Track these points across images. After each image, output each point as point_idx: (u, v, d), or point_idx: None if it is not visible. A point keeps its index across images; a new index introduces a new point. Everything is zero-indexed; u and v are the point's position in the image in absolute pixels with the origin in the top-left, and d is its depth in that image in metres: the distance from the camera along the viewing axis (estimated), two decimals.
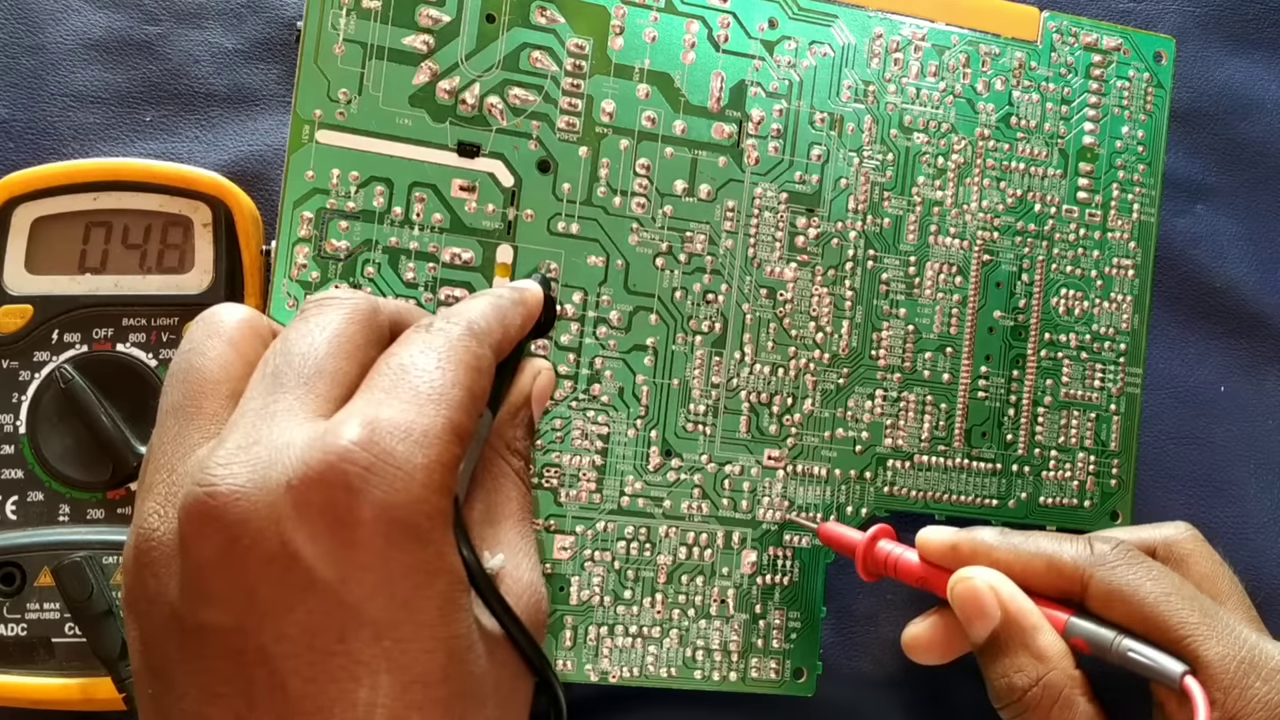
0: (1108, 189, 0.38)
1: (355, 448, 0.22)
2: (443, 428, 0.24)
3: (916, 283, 0.37)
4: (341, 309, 0.26)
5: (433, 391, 0.24)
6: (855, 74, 0.36)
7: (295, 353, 0.25)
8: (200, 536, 0.22)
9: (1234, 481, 0.42)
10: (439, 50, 0.33)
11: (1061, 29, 0.38)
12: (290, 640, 0.22)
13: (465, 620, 0.24)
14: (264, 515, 0.22)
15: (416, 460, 0.23)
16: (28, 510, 0.34)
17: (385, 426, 0.23)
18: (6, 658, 0.33)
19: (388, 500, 0.22)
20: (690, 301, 0.35)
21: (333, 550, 0.22)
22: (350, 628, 0.22)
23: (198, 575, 0.23)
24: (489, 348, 0.27)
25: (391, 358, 0.25)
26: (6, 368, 0.34)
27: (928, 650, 0.34)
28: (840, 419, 0.36)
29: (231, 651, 0.22)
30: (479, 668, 0.24)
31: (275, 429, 0.23)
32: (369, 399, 0.24)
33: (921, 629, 0.34)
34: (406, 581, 0.23)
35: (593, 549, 0.34)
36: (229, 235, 0.35)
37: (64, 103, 0.38)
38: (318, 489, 0.22)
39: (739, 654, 0.35)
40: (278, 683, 0.22)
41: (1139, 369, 0.38)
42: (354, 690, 0.22)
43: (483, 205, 0.34)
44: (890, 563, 0.34)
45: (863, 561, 0.34)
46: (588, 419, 0.34)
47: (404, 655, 0.22)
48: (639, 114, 0.35)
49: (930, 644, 0.34)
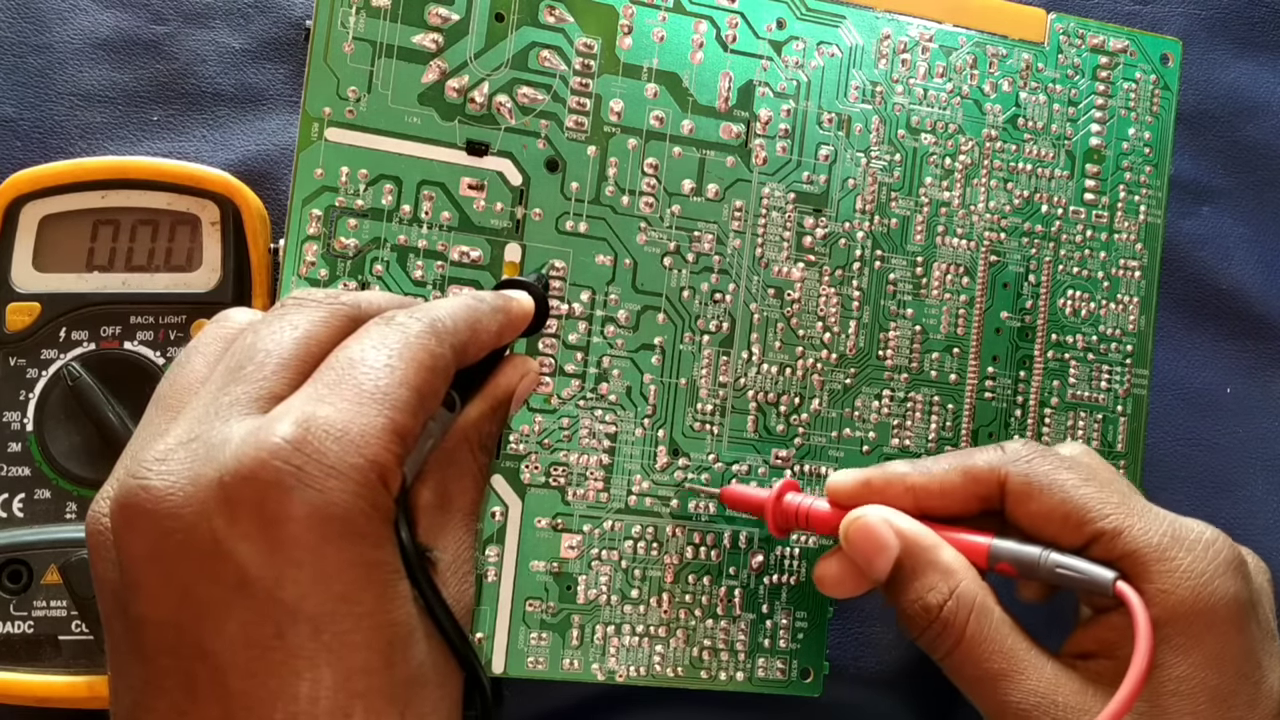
0: (1114, 190, 0.38)
1: (287, 446, 0.22)
2: (382, 428, 0.23)
3: (924, 283, 0.37)
4: (318, 310, 0.25)
5: (376, 390, 0.23)
6: (863, 75, 0.36)
7: (259, 348, 0.24)
8: (131, 530, 0.22)
9: (1240, 483, 0.42)
10: (448, 49, 0.33)
11: (1068, 31, 0.38)
12: (228, 637, 0.22)
13: (404, 607, 0.24)
14: (196, 511, 0.22)
15: (349, 460, 0.22)
16: (35, 508, 0.34)
17: (320, 425, 0.22)
18: (13, 655, 0.33)
19: (320, 500, 0.22)
20: (698, 301, 0.35)
21: (265, 548, 0.22)
22: (287, 624, 0.22)
23: (131, 569, 0.22)
24: (450, 347, 0.25)
25: (343, 350, 0.24)
26: (14, 365, 0.34)
27: (839, 583, 0.33)
28: (847, 419, 0.36)
29: (170, 646, 0.22)
30: (420, 652, 0.24)
31: (216, 423, 0.23)
32: (310, 394, 0.23)
33: (831, 563, 0.33)
34: (342, 576, 0.22)
35: (600, 548, 0.34)
36: (237, 233, 0.35)
37: (71, 102, 0.38)
38: (249, 486, 0.22)
39: (746, 654, 0.35)
40: (218, 679, 0.22)
41: (1145, 370, 0.38)
42: (295, 684, 0.22)
43: (491, 204, 0.34)
44: (801, 514, 0.33)
45: (773, 517, 0.33)
46: (595, 418, 0.34)
47: (344, 647, 0.22)
48: (647, 113, 0.35)
49: (841, 577, 0.33)
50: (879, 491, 0.32)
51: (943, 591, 0.30)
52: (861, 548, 0.31)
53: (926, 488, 0.32)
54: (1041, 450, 0.31)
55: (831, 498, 0.33)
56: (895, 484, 0.32)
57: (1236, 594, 0.29)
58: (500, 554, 0.33)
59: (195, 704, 0.22)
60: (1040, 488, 0.30)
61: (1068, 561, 0.30)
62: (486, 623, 0.33)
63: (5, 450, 0.34)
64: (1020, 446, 0.31)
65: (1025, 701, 0.29)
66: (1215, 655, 0.29)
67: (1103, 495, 0.30)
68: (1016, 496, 0.31)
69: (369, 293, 0.27)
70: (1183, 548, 0.29)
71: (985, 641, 0.30)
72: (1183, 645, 0.29)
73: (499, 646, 0.33)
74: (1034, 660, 0.30)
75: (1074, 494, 0.30)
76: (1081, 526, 0.30)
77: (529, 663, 0.34)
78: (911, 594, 0.31)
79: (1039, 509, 0.30)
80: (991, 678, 0.30)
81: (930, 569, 0.30)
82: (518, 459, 0.34)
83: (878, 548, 0.31)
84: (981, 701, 0.30)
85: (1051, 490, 0.30)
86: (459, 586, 0.26)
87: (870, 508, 0.31)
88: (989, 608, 0.30)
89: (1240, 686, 0.29)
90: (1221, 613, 0.29)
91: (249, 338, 0.25)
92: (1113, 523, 0.30)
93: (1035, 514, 0.30)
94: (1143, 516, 0.30)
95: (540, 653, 0.34)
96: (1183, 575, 0.29)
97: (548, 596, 0.34)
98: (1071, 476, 0.30)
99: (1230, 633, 0.29)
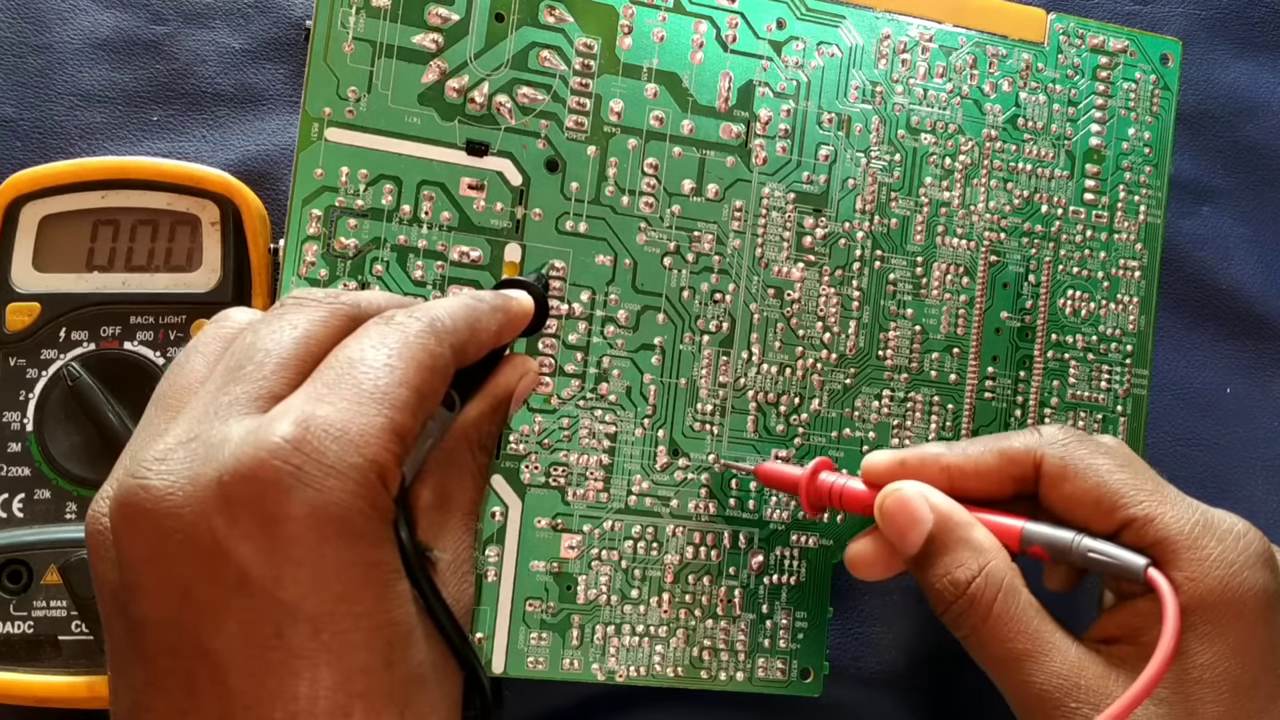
0: (1114, 191, 0.38)
1: (287, 446, 0.22)
2: (381, 428, 0.23)
3: (924, 283, 0.37)
4: (318, 310, 0.25)
5: (376, 390, 0.23)
6: (863, 75, 0.36)
7: (259, 347, 0.24)
8: (130, 530, 0.22)
9: (1240, 483, 0.42)
10: (448, 49, 0.33)
11: (1068, 31, 0.38)
12: (227, 636, 0.22)
13: (404, 607, 0.24)
14: (196, 511, 0.22)
15: (349, 460, 0.22)
16: (34, 508, 0.34)
17: (320, 424, 0.22)
18: (13, 656, 0.33)
19: (319, 500, 0.22)
20: (698, 301, 0.35)
21: (264, 547, 0.22)
22: (287, 623, 0.22)
23: (131, 569, 0.22)
24: (449, 347, 0.26)
25: (343, 350, 0.24)
26: (14, 365, 0.34)
27: (870, 564, 0.33)
28: (847, 419, 0.36)
29: (170, 646, 0.22)
30: (420, 652, 0.24)
31: (216, 423, 0.23)
32: (310, 393, 0.23)
33: (864, 543, 0.33)
34: (342, 576, 0.22)
35: (600, 548, 0.34)
36: (237, 234, 0.35)
37: (71, 102, 0.38)
38: (248, 486, 0.22)
39: (746, 654, 0.35)
40: (218, 678, 0.22)
41: (1145, 371, 0.38)
42: (294, 684, 0.22)
43: (491, 204, 0.34)
44: (835, 493, 0.33)
45: (807, 495, 0.33)
46: (595, 418, 0.34)
47: (343, 647, 0.22)
48: (647, 113, 0.35)
49: (873, 558, 0.33)
50: (914, 471, 0.32)
51: (972, 568, 0.30)
52: (896, 520, 0.31)
53: (962, 468, 0.32)
54: (1078, 435, 0.32)
55: (866, 477, 0.33)
56: (930, 464, 0.32)
57: (1265, 586, 0.29)
58: (500, 554, 0.33)
59: (195, 704, 0.22)
60: (1075, 471, 0.31)
61: (1100, 546, 0.30)
62: (486, 623, 0.33)
63: (5, 450, 0.34)
64: (1057, 430, 0.32)
65: (1048, 683, 0.29)
66: (1241, 645, 0.29)
67: (1136, 482, 0.30)
68: (1051, 479, 0.31)
69: (368, 292, 0.27)
70: (1214, 537, 0.29)
71: (1011, 621, 0.30)
72: (1209, 634, 0.29)
73: (499, 646, 0.33)
74: (1059, 643, 0.30)
75: (1108, 479, 0.30)
76: (1114, 512, 0.30)
77: (529, 663, 0.34)
78: (940, 569, 0.31)
79: (1073, 491, 0.31)
80: (1015, 658, 0.30)
81: (962, 546, 0.31)
82: (518, 459, 0.34)
83: (912, 521, 0.31)
84: (1004, 681, 0.30)
85: (1086, 474, 0.30)
86: (459, 586, 0.26)
87: (907, 482, 0.32)
88: (1016, 588, 0.30)
89: (1264, 678, 0.29)
90: (1249, 603, 0.29)
91: (248, 337, 0.25)
92: (1145, 509, 0.30)
93: (1069, 497, 0.31)
94: (1175, 505, 0.30)
95: (540, 653, 0.34)
96: (1212, 564, 0.29)
97: (548, 596, 0.34)
98: (1107, 462, 0.31)
99: (1257, 624, 0.29)
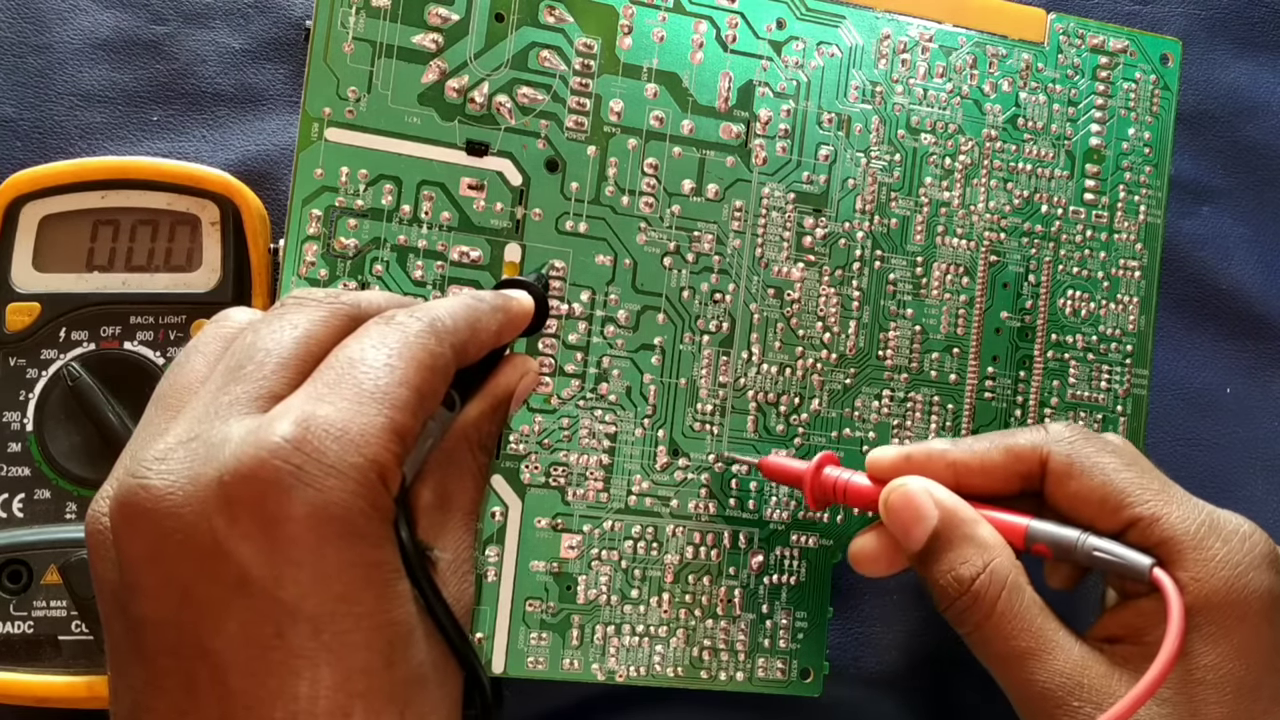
0: (1114, 191, 0.38)
1: (287, 445, 0.22)
2: (381, 428, 0.23)
3: (923, 283, 0.37)
4: (318, 310, 0.25)
5: (376, 389, 0.23)
6: (863, 75, 0.36)
7: (259, 347, 0.24)
8: (130, 530, 0.22)
9: (1240, 483, 0.42)
10: (448, 49, 0.33)
11: (1068, 31, 0.38)
12: (228, 636, 0.22)
13: (404, 607, 0.24)
14: (196, 511, 0.22)
15: (349, 460, 0.22)
16: (34, 508, 0.34)
17: (320, 424, 0.22)
18: (13, 656, 0.33)
19: (320, 499, 0.22)
20: (698, 301, 0.35)
21: (265, 547, 0.22)
22: (287, 623, 0.22)
23: (131, 569, 0.22)
24: (449, 347, 0.26)
25: (343, 349, 0.24)
26: (14, 365, 0.34)
27: (874, 560, 0.33)
28: (847, 419, 0.36)
29: (170, 646, 0.22)
30: (420, 652, 0.24)
31: (216, 423, 0.23)
32: (310, 393, 0.23)
33: (867, 539, 0.33)
34: (342, 576, 0.22)
35: (600, 548, 0.34)
36: (237, 234, 0.35)
37: (71, 102, 0.38)
38: (248, 485, 0.22)
39: (746, 654, 0.35)
40: (218, 678, 0.22)
41: (1145, 371, 0.38)
42: (294, 684, 0.22)
43: (491, 204, 0.34)
44: (839, 488, 0.33)
45: (811, 489, 0.33)
46: (595, 418, 0.34)
47: (344, 647, 0.22)
48: (647, 113, 0.35)
49: (877, 554, 0.33)
50: (919, 466, 0.32)
51: (977, 565, 0.30)
52: (901, 516, 0.31)
53: (967, 464, 0.32)
54: (1085, 433, 0.32)
55: (871, 472, 0.33)
56: (936, 460, 0.32)
57: (1270, 588, 0.29)
58: (500, 554, 0.33)
59: (195, 704, 0.22)
60: (1082, 469, 0.31)
61: (1105, 545, 0.30)
62: (486, 623, 0.33)
63: (5, 450, 0.34)
64: (1064, 428, 0.32)
65: (1051, 681, 0.29)
66: (1245, 647, 0.29)
67: (1143, 481, 0.30)
68: (1057, 476, 0.31)
69: (369, 292, 0.27)
70: (1219, 538, 0.29)
71: (1015, 619, 0.30)
72: (1213, 635, 0.29)
73: (499, 646, 0.33)
74: (1062, 641, 0.30)
75: (1114, 477, 0.30)
76: (1120, 510, 0.30)
77: (529, 663, 0.34)
78: (945, 565, 0.31)
79: (1079, 489, 0.31)
80: (1018, 656, 0.30)
81: (966, 542, 0.31)
82: (518, 459, 0.34)
83: (917, 516, 0.31)
84: (1006, 680, 0.30)
85: (1093, 472, 0.30)
86: (459, 586, 0.26)
87: (912, 478, 0.32)
88: (1020, 586, 0.30)
89: (1267, 679, 0.29)
90: (1254, 605, 0.29)
91: (249, 337, 0.25)
92: (1151, 509, 0.30)
93: (1075, 494, 0.31)
94: (1181, 505, 0.30)
95: (540, 653, 0.34)
96: (1218, 565, 0.29)
97: (548, 596, 0.34)
98: (1113, 460, 0.31)
99: (1261, 625, 0.29)
